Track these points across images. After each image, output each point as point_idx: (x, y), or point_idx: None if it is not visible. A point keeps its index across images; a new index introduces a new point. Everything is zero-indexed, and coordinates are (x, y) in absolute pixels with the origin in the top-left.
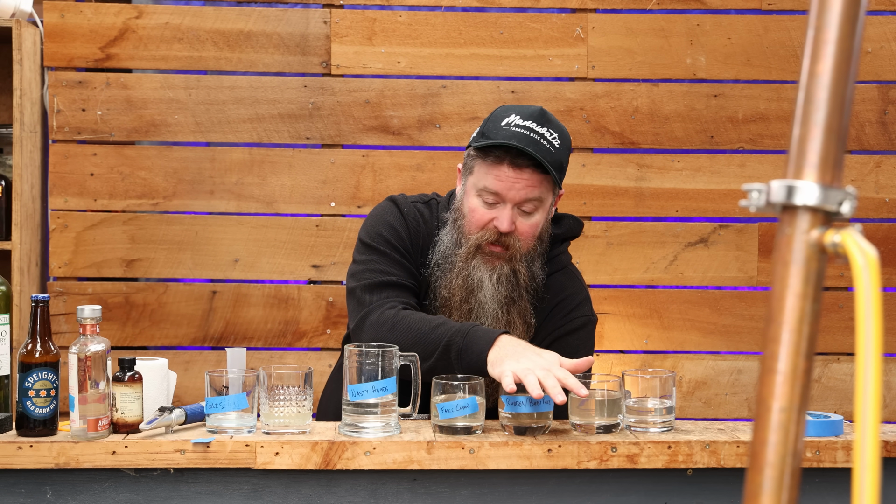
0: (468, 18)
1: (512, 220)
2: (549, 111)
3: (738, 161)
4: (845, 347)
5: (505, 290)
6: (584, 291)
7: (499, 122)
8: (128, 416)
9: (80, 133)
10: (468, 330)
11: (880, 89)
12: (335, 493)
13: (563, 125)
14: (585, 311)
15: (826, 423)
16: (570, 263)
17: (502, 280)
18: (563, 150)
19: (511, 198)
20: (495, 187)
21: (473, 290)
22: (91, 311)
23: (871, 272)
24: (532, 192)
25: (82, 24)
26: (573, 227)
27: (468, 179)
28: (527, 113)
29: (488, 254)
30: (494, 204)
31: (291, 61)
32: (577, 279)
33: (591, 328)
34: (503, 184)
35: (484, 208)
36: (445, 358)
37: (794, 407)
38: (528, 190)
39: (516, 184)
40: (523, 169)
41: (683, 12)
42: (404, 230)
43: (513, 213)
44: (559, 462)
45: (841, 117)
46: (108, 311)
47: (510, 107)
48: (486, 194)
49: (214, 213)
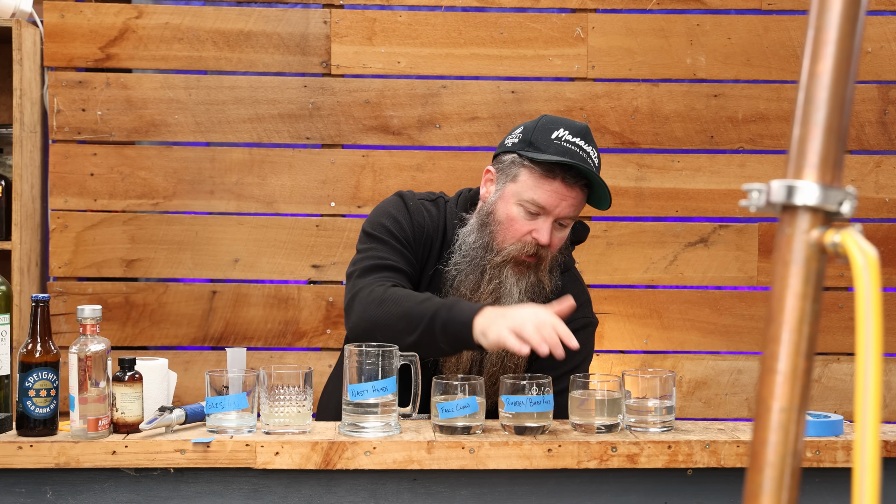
0: (468, 18)
1: (550, 233)
2: (553, 112)
3: (738, 161)
4: (845, 347)
5: (528, 299)
6: (586, 294)
7: (548, 134)
8: (128, 415)
9: (80, 133)
10: (452, 304)
11: (880, 89)
12: (335, 493)
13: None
14: (586, 313)
15: (826, 423)
16: (573, 267)
17: (528, 289)
18: (598, 165)
19: (557, 213)
20: (545, 202)
21: (501, 298)
22: (91, 311)
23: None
24: (575, 210)
25: (82, 24)
26: (580, 232)
27: (508, 186)
28: (575, 129)
29: (519, 263)
30: (536, 216)
31: (291, 61)
32: (580, 282)
33: (591, 330)
34: (553, 200)
35: (524, 218)
36: (430, 331)
37: (794, 407)
38: (573, 208)
39: (564, 201)
40: (574, 187)
41: (683, 12)
42: (407, 223)
43: (553, 227)
44: (559, 462)
45: (841, 117)
46: (108, 311)
47: (556, 119)
48: (532, 206)
49: (214, 213)
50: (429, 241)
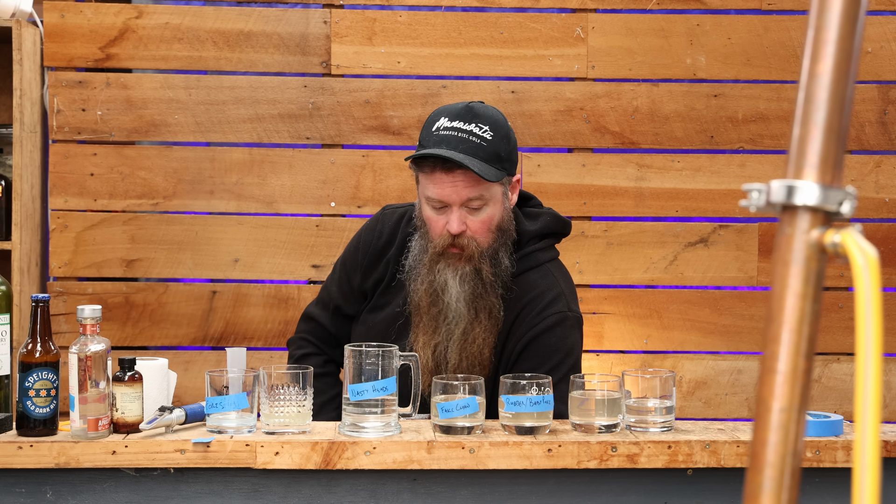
0: (468, 18)
1: (461, 220)
2: (553, 112)
3: (738, 161)
4: (845, 347)
5: (469, 288)
6: (559, 287)
7: (430, 128)
8: (128, 415)
9: (80, 133)
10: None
11: (880, 89)
12: (335, 493)
13: (496, 113)
14: (559, 308)
15: (826, 423)
16: (549, 261)
17: (466, 279)
18: (499, 139)
19: (454, 201)
20: (436, 195)
21: (439, 294)
22: (91, 311)
23: (871, 272)
24: (472, 191)
25: (82, 24)
26: (552, 224)
27: (419, 190)
28: (454, 112)
29: (450, 256)
30: (443, 209)
31: (291, 61)
32: (552, 276)
33: (568, 324)
34: (442, 190)
35: (436, 215)
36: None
37: (794, 407)
38: (467, 190)
39: (454, 186)
40: (454, 172)
41: (683, 12)
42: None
43: (461, 214)
44: (559, 462)
45: (841, 117)
46: (108, 311)
47: (440, 109)
48: (433, 202)
49: (214, 213)
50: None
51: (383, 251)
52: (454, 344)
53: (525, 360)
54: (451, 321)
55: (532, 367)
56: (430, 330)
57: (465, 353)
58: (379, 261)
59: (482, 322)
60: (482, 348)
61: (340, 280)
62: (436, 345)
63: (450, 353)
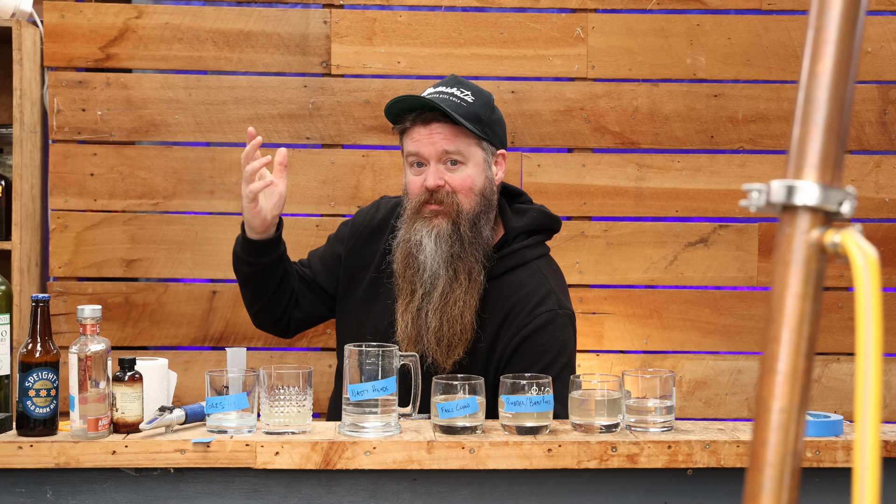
0: (468, 18)
1: (438, 175)
2: (553, 112)
3: (738, 161)
4: (845, 347)
5: (447, 246)
6: (548, 285)
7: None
8: (128, 415)
9: (80, 133)
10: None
11: (880, 89)
12: (335, 493)
13: (481, 88)
14: (549, 306)
15: (826, 423)
16: (537, 259)
17: (443, 236)
18: (480, 105)
19: (430, 154)
20: (414, 148)
21: (414, 254)
22: (91, 311)
23: (871, 272)
24: (449, 144)
25: (82, 24)
26: (539, 221)
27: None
28: (440, 82)
29: (426, 215)
30: (422, 167)
31: (291, 61)
32: (540, 274)
33: (559, 322)
34: (419, 143)
35: (416, 176)
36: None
37: (794, 407)
38: (444, 142)
39: (431, 138)
40: (431, 123)
41: (683, 12)
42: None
43: (438, 170)
44: (559, 462)
45: (841, 117)
46: (108, 311)
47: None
48: (413, 160)
49: (214, 213)
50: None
51: (373, 235)
52: (433, 307)
53: (517, 360)
54: (426, 281)
55: (524, 367)
56: (407, 294)
57: (445, 316)
58: (368, 244)
59: (462, 283)
60: (462, 311)
61: (324, 252)
62: (416, 309)
63: (430, 317)
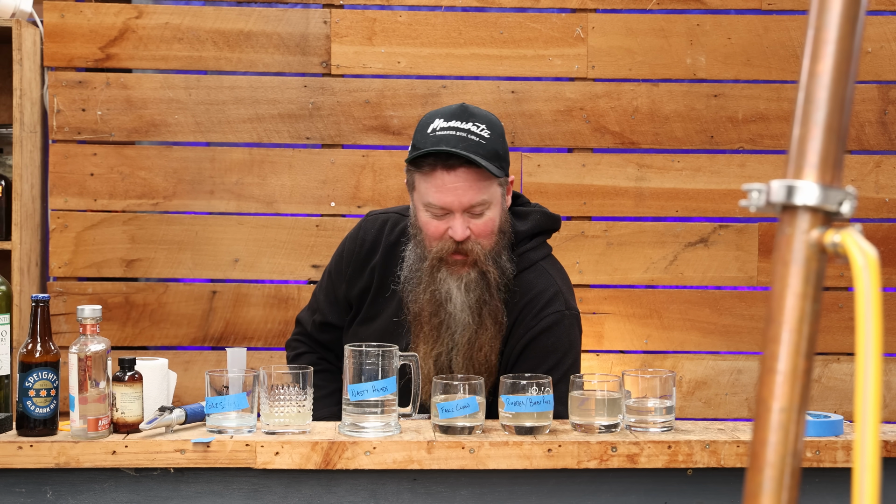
0: (468, 18)
1: (465, 226)
2: (553, 112)
3: (738, 161)
4: (845, 347)
5: (475, 295)
6: (555, 286)
7: (425, 131)
8: (128, 415)
9: (80, 133)
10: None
11: (880, 89)
12: (335, 493)
13: (489, 113)
14: (557, 307)
15: (826, 423)
16: (542, 259)
17: (471, 286)
18: (496, 138)
19: (457, 207)
20: (439, 201)
21: (442, 303)
22: (91, 311)
23: (871, 272)
24: (476, 196)
25: (82, 24)
26: (542, 222)
27: (414, 196)
28: (448, 113)
29: (452, 263)
30: (444, 214)
31: (291, 61)
32: (547, 275)
33: (566, 323)
34: (444, 196)
35: (436, 220)
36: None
37: (794, 407)
38: (471, 195)
39: (456, 191)
40: (457, 170)
41: (683, 12)
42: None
43: (464, 220)
44: (559, 462)
45: (841, 117)
46: (108, 311)
47: (433, 112)
48: (433, 208)
49: (214, 213)
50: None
51: (367, 259)
52: (459, 353)
53: (524, 360)
54: (454, 331)
55: (530, 367)
56: (431, 339)
57: (471, 361)
58: (363, 269)
59: (488, 329)
60: (489, 355)
61: (327, 289)
62: (438, 354)
63: (454, 362)
